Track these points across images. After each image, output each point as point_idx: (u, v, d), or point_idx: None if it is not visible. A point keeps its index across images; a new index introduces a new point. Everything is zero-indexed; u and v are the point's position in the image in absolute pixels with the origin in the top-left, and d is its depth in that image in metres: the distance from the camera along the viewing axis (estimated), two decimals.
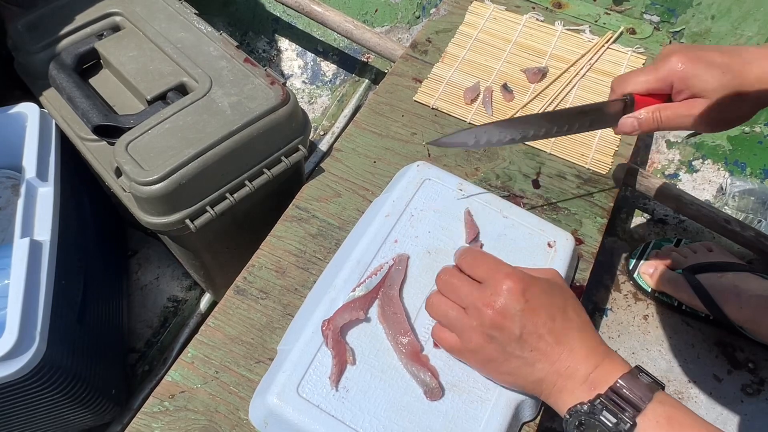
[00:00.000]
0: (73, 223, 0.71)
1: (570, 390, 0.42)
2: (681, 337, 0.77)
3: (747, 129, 0.88)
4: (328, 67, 1.17)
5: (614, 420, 0.39)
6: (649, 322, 0.79)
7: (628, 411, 0.39)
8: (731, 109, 0.49)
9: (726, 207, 0.88)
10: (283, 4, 0.97)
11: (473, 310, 0.45)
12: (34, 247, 0.61)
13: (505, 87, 0.76)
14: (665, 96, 0.52)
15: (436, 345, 0.50)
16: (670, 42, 0.85)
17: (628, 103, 0.52)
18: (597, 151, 0.71)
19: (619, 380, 0.41)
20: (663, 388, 0.41)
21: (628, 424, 0.39)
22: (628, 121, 0.52)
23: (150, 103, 0.66)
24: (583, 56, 0.79)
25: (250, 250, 0.61)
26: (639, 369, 0.42)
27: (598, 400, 0.40)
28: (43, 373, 0.58)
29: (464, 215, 0.58)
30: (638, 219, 0.93)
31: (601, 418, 0.40)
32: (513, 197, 0.67)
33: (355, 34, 0.92)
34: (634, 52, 0.80)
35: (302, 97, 1.16)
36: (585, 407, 0.41)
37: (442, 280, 0.49)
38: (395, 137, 0.71)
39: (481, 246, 0.56)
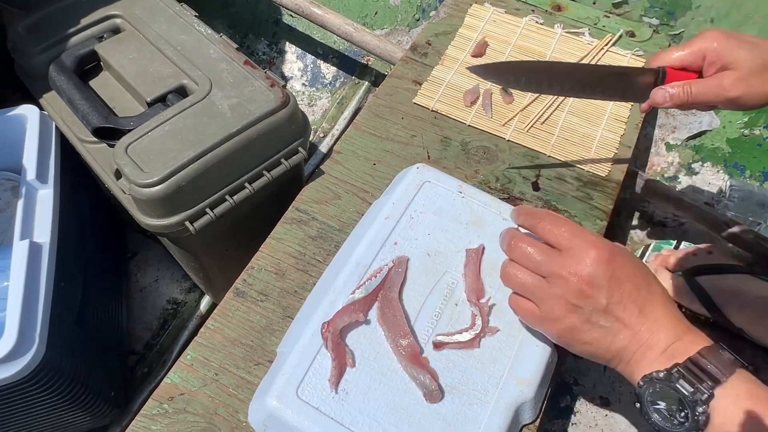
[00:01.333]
0: (72, 225, 0.71)
1: (648, 359, 0.41)
2: None
3: (746, 131, 0.88)
4: (328, 70, 1.17)
5: (691, 389, 0.39)
6: None
7: (706, 382, 0.39)
8: (760, 83, 0.49)
9: (725, 209, 0.88)
10: (283, 6, 0.97)
11: (557, 279, 0.43)
12: (34, 249, 0.61)
13: (504, 89, 0.76)
14: (697, 74, 0.53)
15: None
16: (670, 45, 0.85)
17: (661, 76, 0.53)
18: (597, 153, 0.71)
19: (699, 352, 0.40)
20: (746, 368, 0.40)
21: (705, 394, 0.38)
22: (659, 92, 0.53)
23: (150, 105, 0.66)
24: (582, 59, 0.79)
25: (250, 252, 0.61)
26: (722, 346, 0.41)
27: (676, 369, 0.40)
28: (42, 376, 0.58)
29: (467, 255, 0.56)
30: (638, 221, 0.93)
31: (677, 386, 0.39)
32: (513, 199, 0.67)
33: (354, 36, 0.92)
34: (633, 55, 0.80)
35: (302, 100, 1.16)
36: (662, 374, 0.40)
37: (516, 247, 0.46)
38: (395, 139, 0.71)
39: (483, 250, 0.56)
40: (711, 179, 0.92)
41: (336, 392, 0.47)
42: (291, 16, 1.14)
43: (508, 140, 0.72)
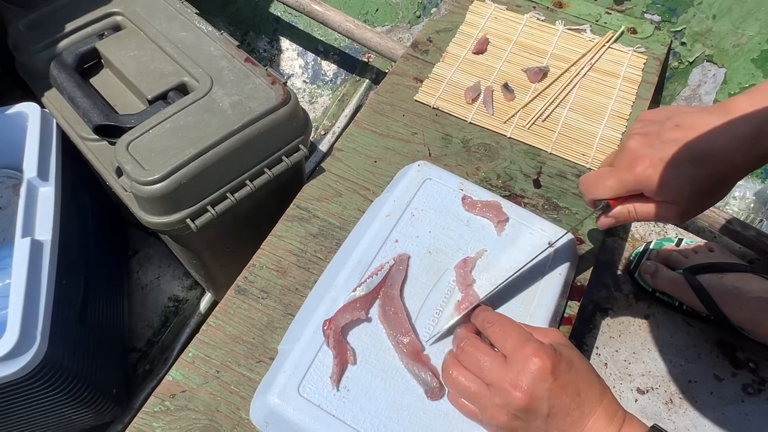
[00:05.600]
0: (73, 223, 0.71)
1: None
2: (682, 337, 0.77)
3: None
4: (329, 67, 1.17)
5: None
6: (650, 322, 0.79)
7: None
8: (710, 201, 0.48)
9: (727, 207, 0.88)
10: (283, 3, 0.97)
11: (498, 390, 0.44)
12: (35, 247, 0.61)
13: (506, 86, 0.76)
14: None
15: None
16: (671, 42, 0.85)
17: (605, 208, 0.53)
18: (598, 150, 0.71)
19: None
20: None
21: None
22: (605, 221, 0.53)
23: (151, 102, 0.66)
24: (583, 56, 0.79)
25: (251, 249, 0.61)
26: (656, 428, 0.42)
27: None
28: (44, 373, 0.58)
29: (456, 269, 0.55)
30: None
31: None
32: (514, 197, 0.67)
33: (355, 33, 0.92)
34: (635, 51, 0.80)
35: (303, 97, 1.16)
36: None
37: (464, 350, 0.47)
38: (396, 137, 0.71)
39: (483, 254, 0.56)
40: None
41: (337, 389, 0.47)
42: (292, 13, 1.14)
43: (510, 137, 0.72)
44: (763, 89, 0.46)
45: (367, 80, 1.15)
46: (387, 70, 1.10)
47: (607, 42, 0.81)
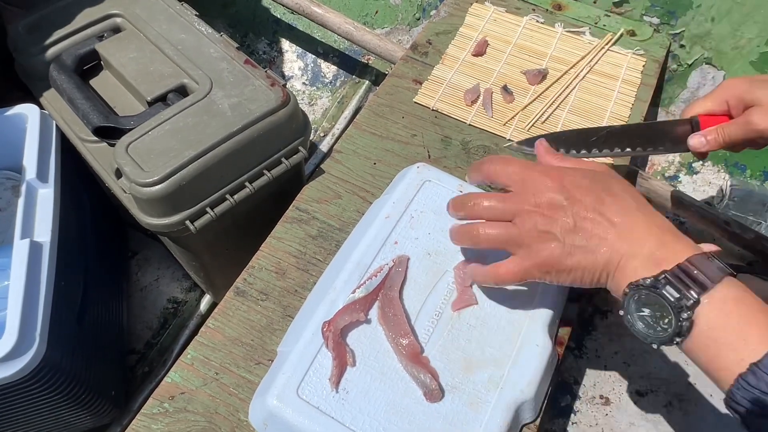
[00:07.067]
0: (73, 225, 0.71)
1: (632, 268, 0.41)
2: None
3: None
4: (329, 69, 1.17)
5: (677, 295, 0.38)
6: None
7: (693, 289, 0.38)
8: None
9: (726, 209, 0.88)
10: (283, 5, 0.97)
11: (522, 216, 0.44)
12: (34, 249, 0.61)
13: (505, 89, 0.76)
14: (729, 118, 0.55)
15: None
16: (670, 44, 0.85)
17: (694, 124, 0.55)
18: None
19: (688, 259, 0.39)
20: (735, 276, 0.40)
21: (691, 301, 0.38)
22: (695, 138, 0.54)
23: (150, 104, 0.66)
24: (583, 58, 0.79)
25: (250, 251, 0.61)
26: (712, 254, 0.41)
27: (663, 276, 0.39)
28: (42, 375, 0.58)
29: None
30: None
31: (663, 292, 0.39)
32: None
33: (355, 35, 0.92)
34: (634, 54, 0.80)
35: (302, 99, 1.16)
36: (648, 281, 0.40)
37: (474, 205, 0.46)
38: (395, 139, 0.71)
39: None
40: (711, 178, 0.92)
41: (336, 391, 0.47)
42: (291, 15, 1.14)
43: (509, 139, 0.72)
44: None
45: (367, 82, 1.15)
46: (386, 72, 1.10)
47: (606, 44, 0.81)
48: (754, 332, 0.37)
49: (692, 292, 0.38)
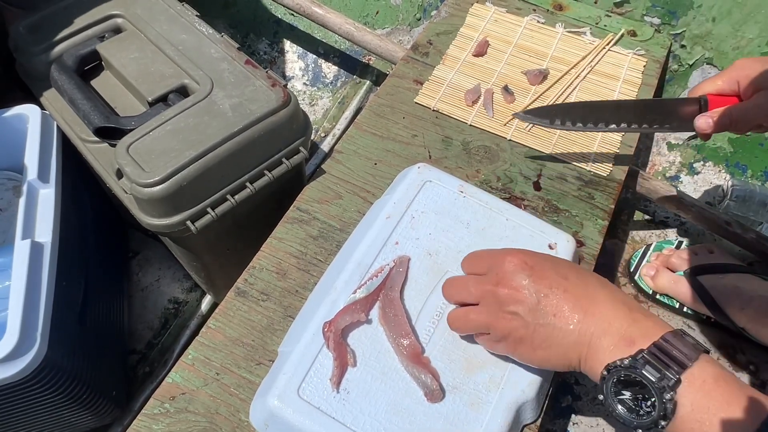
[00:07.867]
0: (74, 225, 0.71)
1: (606, 348, 0.40)
2: None
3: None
4: (329, 69, 1.17)
5: (657, 375, 0.37)
6: None
7: (672, 368, 0.38)
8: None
9: (727, 209, 0.88)
10: (284, 6, 0.97)
11: (488, 297, 0.45)
12: (35, 249, 0.61)
13: (506, 89, 0.76)
14: (737, 99, 0.55)
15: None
16: (671, 44, 0.85)
17: (702, 104, 0.55)
18: (598, 153, 0.71)
19: (663, 337, 0.39)
20: (708, 352, 0.40)
21: (672, 380, 0.37)
22: (702, 118, 0.55)
23: (151, 104, 0.66)
24: (583, 58, 0.79)
25: (251, 251, 0.61)
26: (682, 331, 0.40)
27: (641, 355, 0.39)
28: (43, 375, 0.58)
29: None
30: (639, 221, 0.93)
31: (644, 372, 0.38)
32: (514, 199, 0.67)
33: (356, 36, 0.92)
34: (634, 54, 0.80)
35: (303, 99, 1.16)
36: (626, 362, 0.39)
37: (450, 287, 0.50)
38: (396, 139, 0.71)
39: None
40: (713, 179, 0.92)
41: (337, 392, 0.47)
42: (292, 15, 1.14)
43: (510, 140, 0.72)
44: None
45: (368, 82, 1.15)
46: (387, 73, 1.10)
47: (607, 44, 0.81)
48: (738, 413, 0.36)
49: (672, 372, 0.38)
